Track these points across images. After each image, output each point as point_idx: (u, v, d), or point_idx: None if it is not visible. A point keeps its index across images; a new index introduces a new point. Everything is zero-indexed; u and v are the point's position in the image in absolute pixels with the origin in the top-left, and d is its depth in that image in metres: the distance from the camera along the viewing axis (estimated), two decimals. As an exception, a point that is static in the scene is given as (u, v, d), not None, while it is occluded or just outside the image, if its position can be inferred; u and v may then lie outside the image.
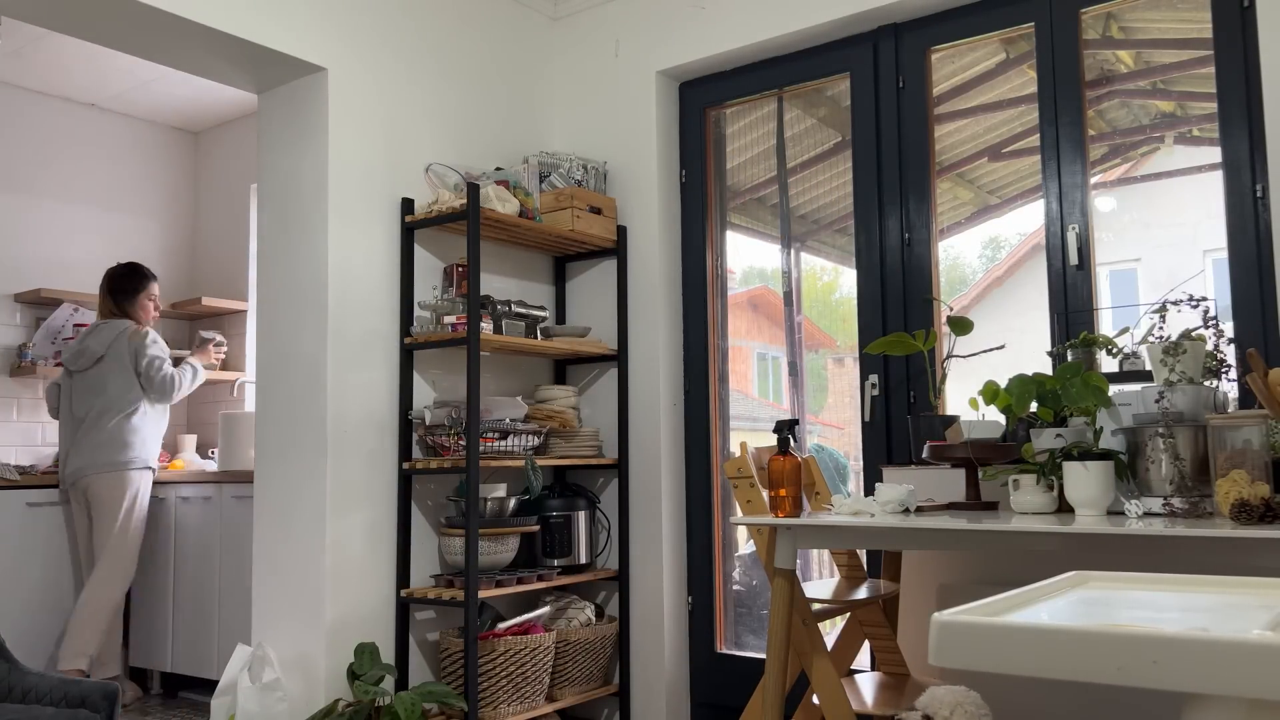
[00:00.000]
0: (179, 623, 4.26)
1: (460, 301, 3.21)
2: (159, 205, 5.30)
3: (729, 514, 3.59)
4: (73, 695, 2.48)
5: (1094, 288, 2.91)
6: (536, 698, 3.21)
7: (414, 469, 3.19)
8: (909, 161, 3.24)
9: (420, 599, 3.13)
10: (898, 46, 3.29)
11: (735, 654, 3.54)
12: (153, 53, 3.08)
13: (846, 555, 2.92)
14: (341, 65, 3.22)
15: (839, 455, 3.80)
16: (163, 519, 4.40)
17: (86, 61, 4.57)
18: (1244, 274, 2.67)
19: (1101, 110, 3.00)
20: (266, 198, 3.32)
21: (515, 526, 3.25)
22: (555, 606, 3.51)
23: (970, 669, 1.02)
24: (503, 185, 3.36)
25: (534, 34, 3.91)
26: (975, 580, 2.88)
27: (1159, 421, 2.18)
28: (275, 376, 3.23)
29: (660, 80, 3.71)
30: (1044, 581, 1.29)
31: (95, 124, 5.07)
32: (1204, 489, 2.14)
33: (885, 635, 2.81)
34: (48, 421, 4.76)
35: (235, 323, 5.15)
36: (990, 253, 3.37)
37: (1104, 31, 3.02)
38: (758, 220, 3.76)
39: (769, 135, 3.66)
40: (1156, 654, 0.92)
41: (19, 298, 4.69)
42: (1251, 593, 1.25)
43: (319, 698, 3.00)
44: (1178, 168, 2.96)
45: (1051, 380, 2.39)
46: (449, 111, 3.55)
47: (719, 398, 3.67)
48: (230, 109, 5.16)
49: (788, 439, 2.35)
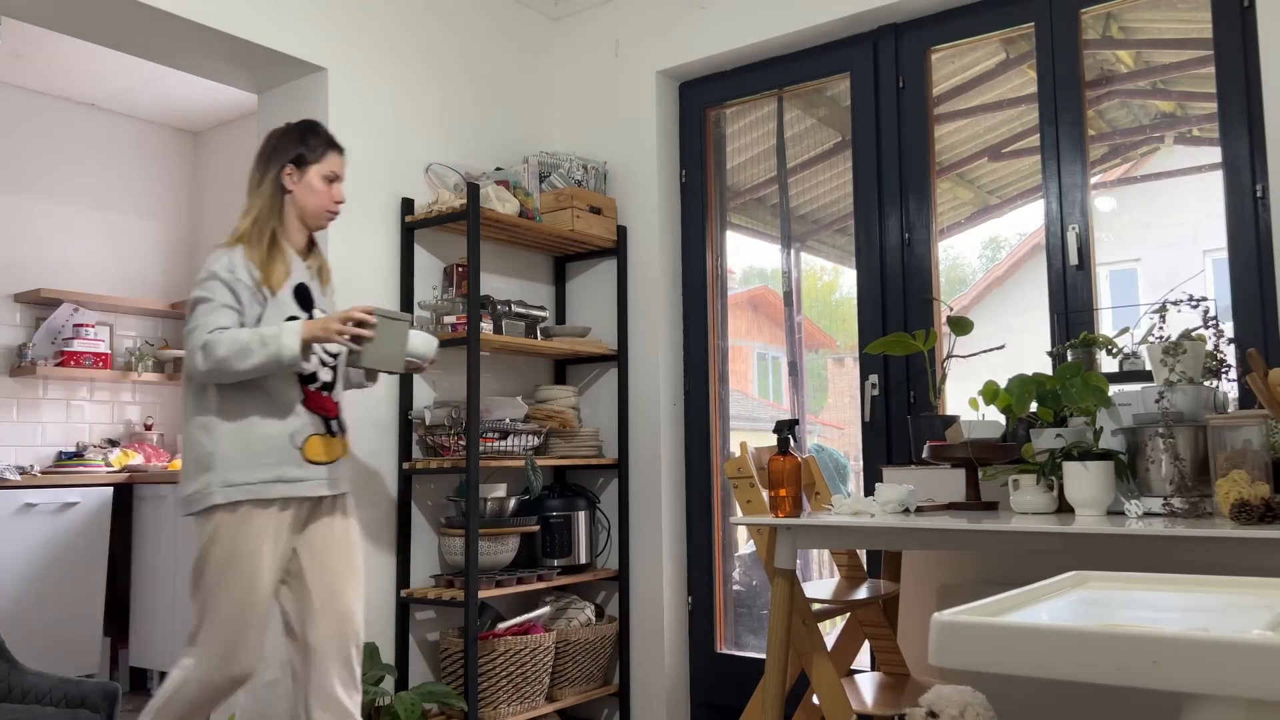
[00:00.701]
0: (179, 623, 4.26)
1: (460, 301, 3.21)
2: (159, 205, 5.30)
3: (729, 514, 3.59)
4: (73, 695, 2.48)
5: (1094, 288, 2.91)
6: (536, 698, 3.21)
7: (414, 469, 3.18)
8: (909, 161, 3.24)
9: (420, 599, 3.13)
10: (898, 46, 3.28)
11: (735, 654, 3.54)
12: (153, 53, 3.08)
13: (846, 555, 2.91)
14: (341, 65, 3.22)
15: (839, 455, 3.80)
16: (163, 519, 4.40)
17: (86, 61, 4.57)
18: (1244, 274, 2.67)
19: (1101, 110, 3.00)
20: (266, 198, 3.31)
21: (515, 526, 3.25)
22: (555, 606, 3.51)
23: (970, 669, 1.02)
24: (503, 185, 3.36)
25: (534, 34, 3.91)
26: (975, 580, 2.88)
27: (1159, 421, 2.18)
28: (275, 376, 3.23)
29: (660, 80, 3.71)
30: (1044, 581, 1.29)
31: (95, 124, 5.07)
32: (1204, 489, 2.14)
33: (885, 635, 2.81)
34: (48, 421, 4.76)
35: (235, 323, 5.14)
36: (990, 253, 3.38)
37: (1104, 31, 3.02)
38: (758, 220, 3.76)
39: (769, 135, 3.66)
40: (1156, 654, 0.92)
41: (19, 298, 4.68)
42: (1252, 593, 1.25)
43: (319, 698, 3.00)
44: (1178, 168, 2.96)
45: (1051, 380, 2.39)
46: (449, 111, 3.55)
47: (719, 398, 3.67)
48: (230, 109, 5.15)
49: (788, 439, 2.35)
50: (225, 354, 2.26)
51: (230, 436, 2.33)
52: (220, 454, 2.32)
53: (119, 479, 4.48)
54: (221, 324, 2.31)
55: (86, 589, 4.29)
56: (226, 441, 2.33)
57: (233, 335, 2.28)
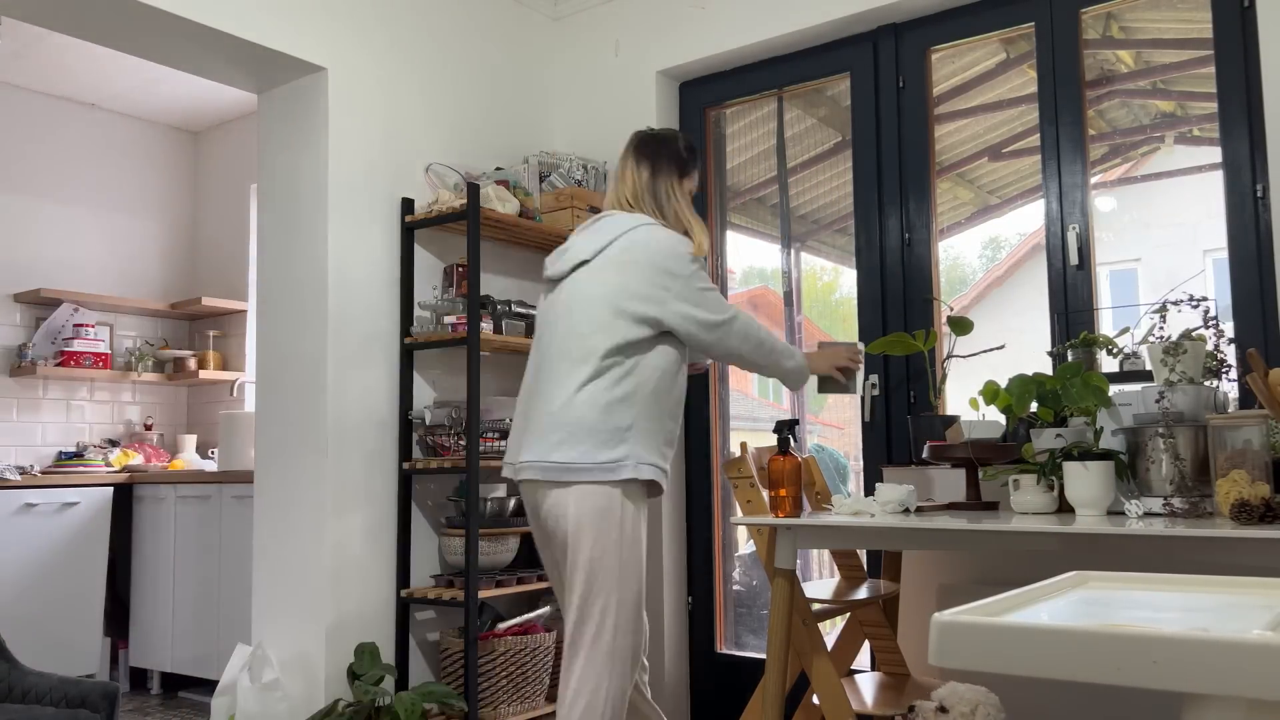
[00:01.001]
0: (179, 623, 4.26)
1: (460, 301, 3.21)
2: (159, 205, 5.30)
3: (729, 514, 3.59)
4: (73, 695, 2.48)
5: (1094, 288, 2.91)
6: (536, 698, 3.21)
7: (414, 469, 3.19)
8: (909, 161, 3.24)
9: (420, 599, 3.13)
10: (898, 46, 3.28)
11: (735, 654, 3.54)
12: (153, 53, 3.08)
13: (846, 555, 2.91)
14: (341, 65, 3.22)
15: (839, 455, 3.80)
16: (163, 519, 4.40)
17: (87, 61, 4.57)
18: (1244, 274, 2.67)
19: (1101, 110, 3.00)
20: (266, 198, 3.32)
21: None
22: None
23: (970, 669, 1.02)
24: (503, 185, 3.36)
25: (534, 34, 3.91)
26: (975, 580, 2.88)
27: (1159, 421, 2.18)
28: (275, 376, 3.23)
29: (660, 80, 3.71)
30: (1044, 581, 1.29)
31: (95, 124, 5.07)
32: (1204, 489, 2.14)
33: (885, 635, 2.81)
34: (48, 421, 4.76)
35: (235, 323, 5.15)
36: (990, 253, 3.38)
37: (1104, 31, 3.02)
38: (758, 220, 3.76)
39: (769, 135, 3.66)
40: (1156, 654, 0.92)
41: (19, 298, 4.69)
42: (1251, 593, 1.25)
43: (319, 698, 3.00)
44: (1178, 168, 2.96)
45: (1052, 380, 2.39)
46: (449, 111, 3.55)
47: (719, 398, 3.67)
48: (230, 109, 5.15)
49: (788, 439, 2.35)
50: (768, 340, 2.53)
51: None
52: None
53: (119, 479, 4.48)
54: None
55: (86, 589, 4.30)
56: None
57: (762, 328, 2.53)
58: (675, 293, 2.38)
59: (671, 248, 2.41)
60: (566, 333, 2.41)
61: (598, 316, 2.37)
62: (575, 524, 2.32)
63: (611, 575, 2.30)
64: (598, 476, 2.31)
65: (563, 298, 2.48)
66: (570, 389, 2.35)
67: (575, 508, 2.32)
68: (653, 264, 2.39)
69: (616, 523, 2.31)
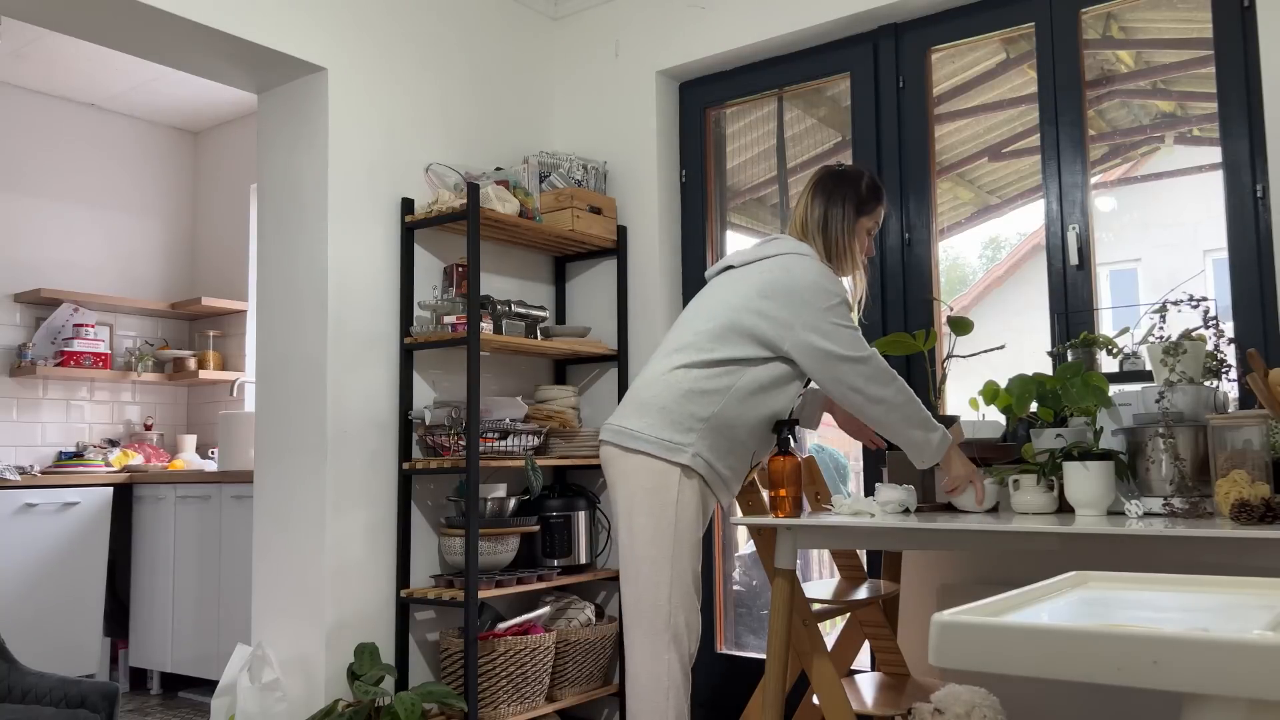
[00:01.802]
0: (179, 623, 4.26)
1: (460, 301, 3.21)
2: (159, 205, 5.30)
3: (729, 514, 3.58)
4: (73, 695, 2.48)
5: (1094, 288, 2.91)
6: (536, 698, 3.21)
7: (414, 469, 3.18)
8: (909, 161, 3.24)
9: (420, 599, 3.13)
10: (898, 46, 3.28)
11: (735, 654, 3.54)
12: (153, 53, 3.08)
13: (846, 555, 2.91)
14: (341, 65, 3.22)
15: (839, 455, 3.80)
16: (162, 519, 4.40)
17: (86, 61, 4.57)
18: (1244, 274, 2.67)
19: (1101, 110, 3.00)
20: (266, 198, 3.32)
21: (515, 526, 3.25)
22: (555, 606, 3.51)
23: (970, 669, 1.02)
24: (503, 185, 3.36)
25: (534, 34, 3.91)
26: (975, 580, 2.88)
27: (1159, 421, 2.18)
28: (275, 376, 3.23)
29: (660, 80, 3.71)
30: (1044, 581, 1.29)
31: (95, 124, 5.07)
32: (1204, 489, 2.14)
33: (885, 635, 2.80)
34: (48, 421, 4.76)
35: (235, 323, 5.15)
36: (990, 253, 3.38)
37: (1104, 31, 3.02)
38: (758, 220, 3.76)
39: (769, 135, 3.66)
40: (1156, 654, 0.92)
41: (19, 298, 4.69)
42: (1251, 593, 1.25)
43: (319, 698, 3.00)
44: (1178, 168, 2.96)
45: (1052, 380, 2.39)
46: (449, 111, 3.55)
47: (719, 398, 3.66)
48: (230, 109, 5.15)
49: (788, 439, 2.35)
50: (906, 399, 2.34)
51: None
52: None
53: (119, 479, 4.48)
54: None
55: (86, 589, 4.30)
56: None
57: (907, 389, 2.37)
58: (804, 322, 2.34)
59: (815, 280, 2.37)
60: (684, 326, 2.46)
61: (717, 319, 2.40)
62: (629, 497, 2.34)
63: (665, 553, 2.32)
64: (658, 452, 2.32)
65: (700, 297, 2.52)
66: (664, 369, 2.39)
67: (632, 479, 2.34)
68: (790, 290, 2.37)
69: (672, 501, 2.32)
